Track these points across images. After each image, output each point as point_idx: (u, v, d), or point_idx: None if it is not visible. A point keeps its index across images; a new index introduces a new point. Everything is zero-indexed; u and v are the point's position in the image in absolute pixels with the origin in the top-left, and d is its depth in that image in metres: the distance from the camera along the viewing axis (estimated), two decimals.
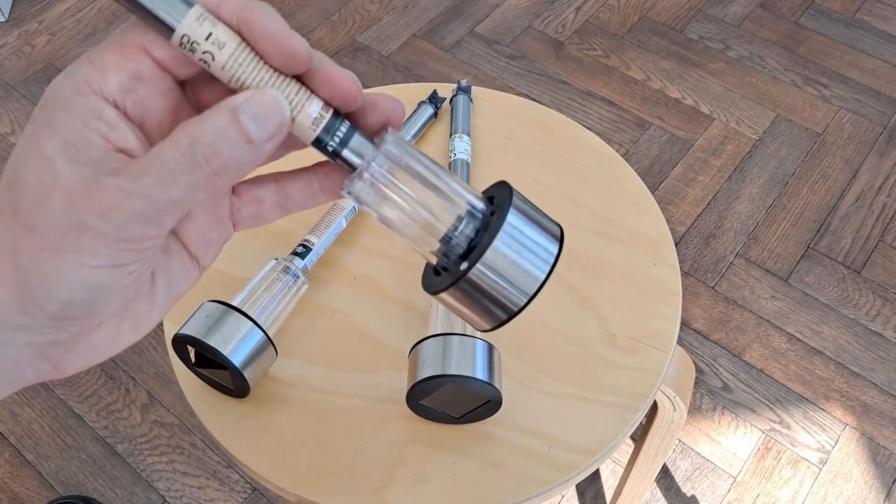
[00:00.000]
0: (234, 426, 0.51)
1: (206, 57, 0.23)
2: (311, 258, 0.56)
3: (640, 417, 0.53)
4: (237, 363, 0.48)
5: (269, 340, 0.49)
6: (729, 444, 1.10)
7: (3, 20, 1.63)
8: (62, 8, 1.66)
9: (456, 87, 0.69)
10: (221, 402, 0.52)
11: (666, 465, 1.09)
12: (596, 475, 1.08)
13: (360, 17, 1.63)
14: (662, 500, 1.06)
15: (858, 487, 1.06)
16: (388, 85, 0.72)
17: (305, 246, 0.56)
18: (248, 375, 0.49)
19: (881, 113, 1.45)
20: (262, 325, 0.49)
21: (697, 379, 1.15)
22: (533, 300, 0.28)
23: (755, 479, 1.07)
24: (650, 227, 0.61)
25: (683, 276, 1.24)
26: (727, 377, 1.15)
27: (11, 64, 1.56)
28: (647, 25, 1.60)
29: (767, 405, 1.13)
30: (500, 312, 0.28)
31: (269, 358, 0.50)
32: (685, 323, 1.20)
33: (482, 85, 1.48)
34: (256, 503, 1.05)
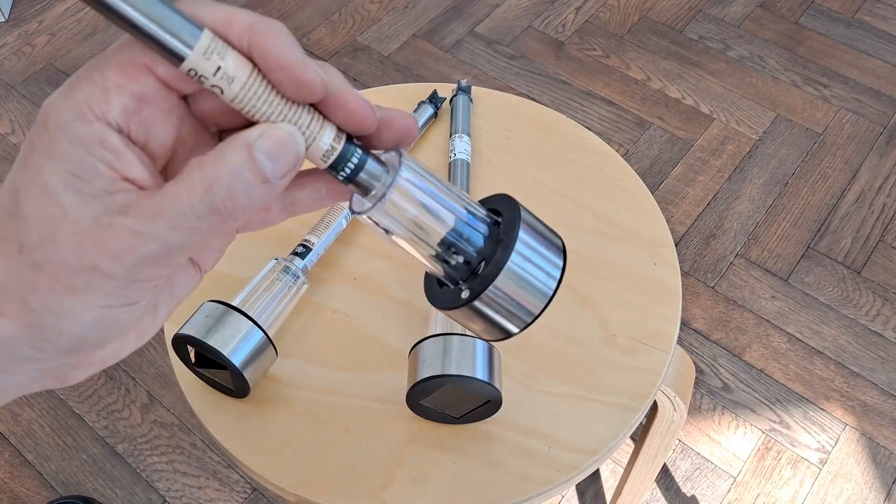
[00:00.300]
0: (234, 426, 0.51)
1: (214, 90, 0.22)
2: (311, 258, 0.56)
3: (640, 417, 0.53)
4: (237, 363, 0.48)
5: (269, 340, 0.49)
6: (729, 444, 1.10)
7: (3, 20, 1.63)
8: (62, 8, 1.66)
9: (456, 87, 0.69)
10: (221, 402, 0.52)
11: (666, 465, 1.09)
12: (596, 475, 1.08)
13: (360, 17, 1.63)
14: (662, 500, 1.06)
15: (858, 487, 1.06)
16: (388, 85, 0.72)
17: (305, 246, 0.56)
18: (248, 375, 0.49)
19: (881, 113, 1.45)
20: (262, 325, 0.49)
21: (697, 379, 1.15)
22: (539, 317, 0.29)
23: (755, 479, 1.07)
24: (650, 227, 0.61)
25: (683, 276, 1.24)
26: (727, 377, 1.15)
27: (11, 64, 1.56)
28: (647, 25, 1.60)
29: (767, 405, 1.13)
30: (510, 327, 0.29)
31: (269, 358, 0.50)
32: (685, 323, 1.20)
33: (482, 85, 1.48)
34: (256, 503, 1.05)
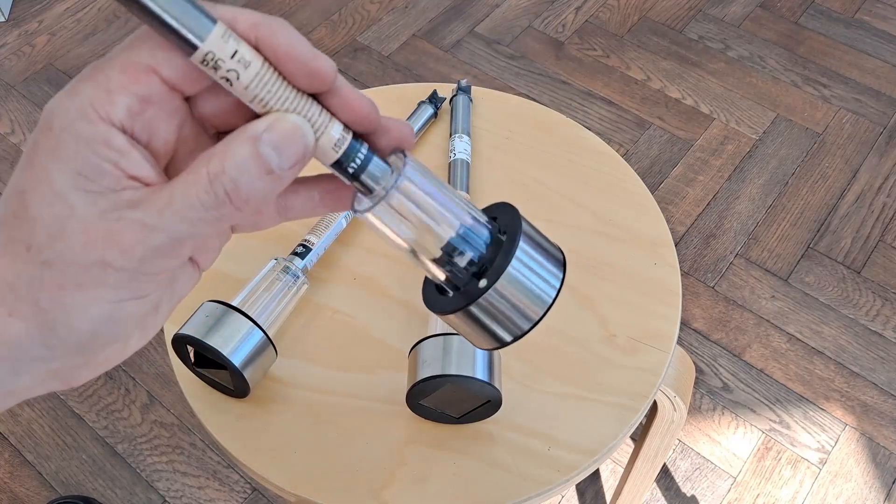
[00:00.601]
0: (234, 426, 0.51)
1: (230, 75, 0.22)
2: (310, 258, 0.56)
3: (640, 417, 0.53)
4: (237, 363, 0.48)
5: (268, 340, 0.49)
6: (729, 444, 1.10)
7: (3, 20, 1.63)
8: (62, 8, 1.66)
9: (456, 87, 0.69)
10: (221, 402, 0.52)
11: (666, 465, 1.09)
12: (596, 475, 1.08)
13: (360, 17, 1.63)
14: (662, 500, 1.06)
15: (858, 487, 1.06)
16: (388, 85, 0.72)
17: (305, 246, 0.56)
18: (248, 375, 0.49)
19: (881, 113, 1.45)
20: (261, 325, 0.49)
21: (697, 379, 1.15)
22: (537, 325, 0.29)
23: (755, 479, 1.07)
24: (650, 227, 0.61)
25: (683, 276, 1.24)
26: (727, 377, 1.15)
27: (11, 64, 1.56)
28: (647, 25, 1.60)
29: (767, 405, 1.13)
30: (503, 334, 0.29)
31: (268, 358, 0.50)
32: (685, 323, 1.20)
33: (482, 85, 1.48)
34: (256, 503, 1.05)
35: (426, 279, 0.31)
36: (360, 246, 0.60)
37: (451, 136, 0.65)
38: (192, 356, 0.50)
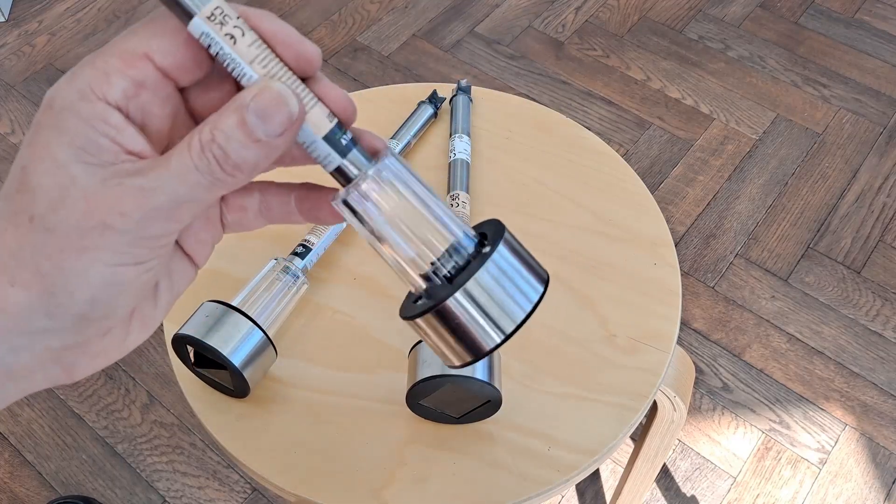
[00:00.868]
0: (234, 426, 0.51)
1: (226, 40, 0.23)
2: (310, 258, 0.56)
3: (639, 417, 0.53)
4: (237, 363, 0.48)
5: (268, 340, 0.49)
6: (729, 444, 1.10)
7: (3, 20, 1.63)
8: (62, 8, 1.66)
9: (456, 87, 0.69)
10: (221, 402, 0.52)
11: (666, 465, 1.09)
12: (596, 475, 1.08)
13: (360, 17, 1.63)
14: (662, 500, 1.06)
15: (858, 487, 1.06)
16: (388, 85, 0.72)
17: (305, 246, 0.56)
18: (247, 375, 0.49)
19: (881, 113, 1.45)
20: (261, 325, 0.49)
21: (697, 379, 1.15)
22: (508, 340, 0.27)
23: (755, 479, 1.07)
24: (650, 227, 0.61)
25: (683, 276, 1.24)
26: (727, 377, 1.15)
27: (11, 64, 1.56)
28: (646, 25, 1.60)
29: (767, 405, 1.13)
30: (475, 347, 0.27)
31: (268, 358, 0.50)
32: (685, 323, 1.20)
33: (482, 85, 1.48)
34: (256, 503, 1.05)
35: (409, 293, 0.29)
36: (360, 246, 0.60)
37: (451, 136, 0.65)
38: (192, 356, 0.50)
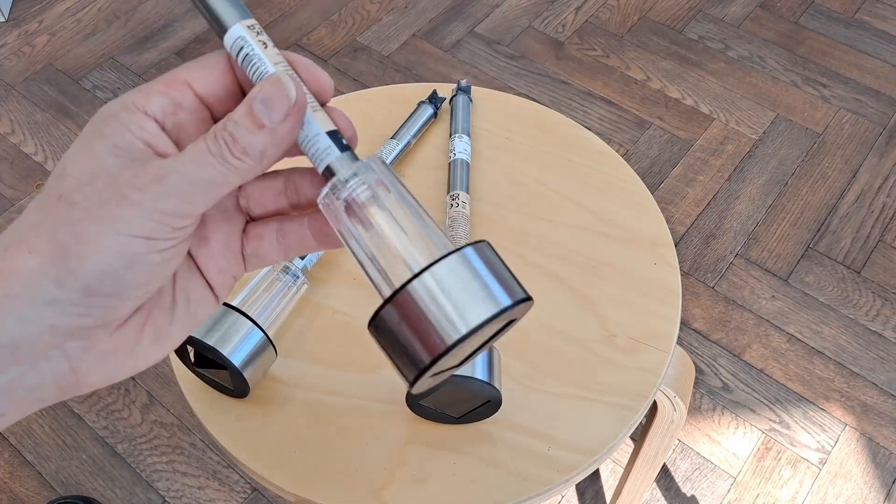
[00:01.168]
0: (234, 426, 0.51)
1: (259, 45, 0.26)
2: (310, 258, 0.56)
3: (639, 417, 0.53)
4: (237, 363, 0.48)
5: (268, 340, 0.49)
6: (729, 444, 1.10)
7: (3, 20, 1.63)
8: (62, 8, 1.66)
9: (456, 87, 0.69)
10: (221, 402, 0.52)
11: (666, 465, 1.09)
12: (596, 475, 1.08)
13: (360, 17, 1.63)
14: (662, 500, 1.06)
15: (858, 487, 1.06)
16: (388, 85, 0.72)
17: None
18: (247, 375, 0.49)
19: (881, 113, 1.45)
20: (261, 325, 0.49)
21: (697, 379, 1.15)
22: (467, 359, 0.26)
23: (755, 479, 1.07)
24: (650, 227, 0.61)
25: (683, 276, 1.24)
26: (727, 377, 1.15)
27: (11, 64, 1.56)
28: (646, 25, 1.60)
29: (767, 405, 1.13)
30: (416, 356, 0.25)
31: (268, 358, 0.50)
32: (685, 323, 1.20)
33: (482, 85, 1.48)
34: (256, 503, 1.05)
35: None
36: None
37: (451, 136, 0.65)
38: (192, 356, 0.50)
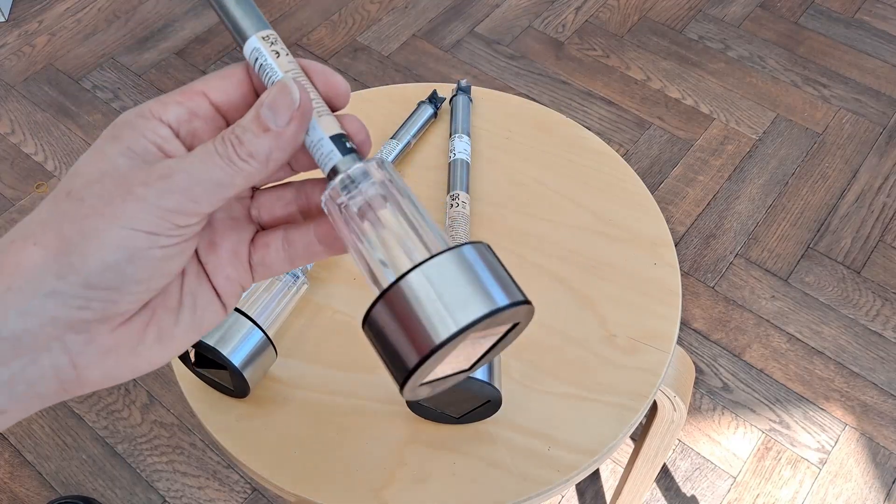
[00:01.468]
0: (234, 426, 0.51)
1: (272, 54, 0.27)
2: None
3: (639, 417, 0.53)
4: (237, 363, 0.48)
5: (268, 340, 0.49)
6: (729, 444, 1.10)
7: (3, 20, 1.63)
8: (62, 8, 1.66)
9: (456, 87, 0.69)
10: (221, 402, 0.52)
11: (666, 465, 1.09)
12: (596, 475, 1.08)
13: (360, 17, 1.63)
14: (662, 500, 1.06)
15: (858, 487, 1.06)
16: (388, 85, 0.72)
17: None
18: (247, 375, 0.49)
19: (881, 113, 1.45)
20: (261, 325, 0.49)
21: (697, 379, 1.15)
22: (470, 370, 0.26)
23: (755, 479, 1.07)
24: (650, 227, 0.61)
25: (683, 276, 1.24)
26: (727, 377, 1.15)
27: (11, 64, 1.56)
28: (647, 25, 1.60)
29: (767, 405, 1.13)
30: (405, 357, 0.24)
31: (268, 358, 0.50)
32: (685, 323, 1.20)
33: (482, 85, 1.48)
34: (256, 503, 1.05)
35: None
36: None
37: (450, 136, 0.65)
38: (192, 356, 0.50)
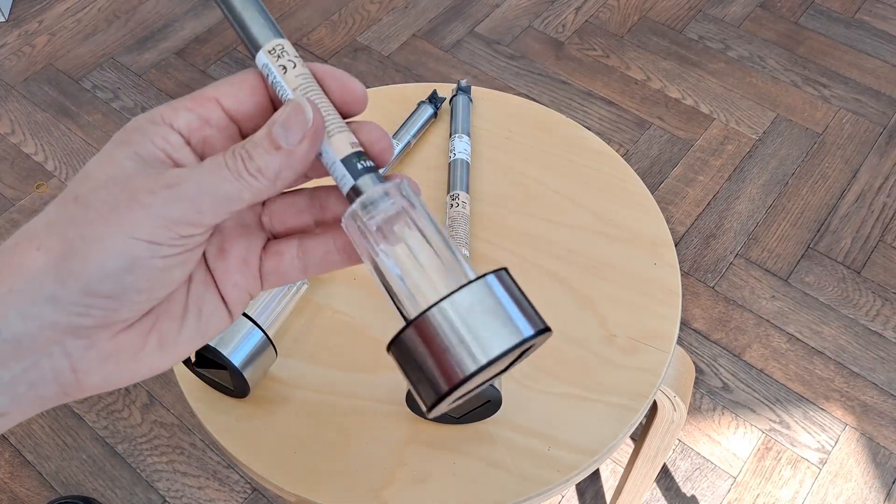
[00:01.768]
0: (234, 426, 0.51)
1: (279, 70, 0.27)
2: None
3: (639, 417, 0.53)
4: (237, 363, 0.48)
5: (268, 340, 0.49)
6: (729, 444, 1.10)
7: (3, 20, 1.63)
8: (62, 8, 1.66)
9: (456, 87, 0.69)
10: (221, 402, 0.52)
11: (666, 465, 1.09)
12: (596, 475, 1.08)
13: (360, 17, 1.63)
14: (662, 500, 1.06)
15: (858, 487, 1.06)
16: (388, 85, 0.72)
17: None
18: (248, 375, 0.49)
19: (881, 113, 1.45)
20: (261, 325, 0.49)
21: (697, 379, 1.15)
22: (486, 383, 0.26)
23: (755, 479, 1.07)
24: (650, 227, 0.61)
25: (683, 276, 1.24)
26: (727, 377, 1.15)
27: (11, 64, 1.56)
28: (647, 25, 1.60)
29: (767, 405, 1.13)
30: (435, 384, 0.24)
31: (268, 358, 0.50)
32: (685, 323, 1.20)
33: (482, 85, 1.48)
34: (256, 503, 1.05)
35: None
36: None
37: (451, 136, 0.65)
38: (192, 356, 0.50)
